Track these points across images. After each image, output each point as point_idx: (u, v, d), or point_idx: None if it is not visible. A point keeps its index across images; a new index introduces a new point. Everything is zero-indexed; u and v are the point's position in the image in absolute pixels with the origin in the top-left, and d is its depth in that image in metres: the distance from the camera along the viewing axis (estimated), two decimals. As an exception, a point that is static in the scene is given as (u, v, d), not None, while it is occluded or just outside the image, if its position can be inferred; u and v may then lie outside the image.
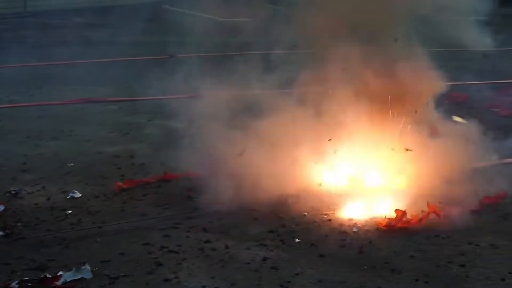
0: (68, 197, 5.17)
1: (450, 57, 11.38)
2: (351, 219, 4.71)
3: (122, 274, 3.99)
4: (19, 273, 3.99)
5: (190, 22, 12.78)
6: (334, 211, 4.84)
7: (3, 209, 4.90)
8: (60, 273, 3.95)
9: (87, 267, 4.00)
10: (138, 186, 5.37)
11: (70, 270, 3.97)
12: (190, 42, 11.22)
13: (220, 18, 14.31)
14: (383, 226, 4.55)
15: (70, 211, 4.90)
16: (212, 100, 7.94)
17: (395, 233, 4.48)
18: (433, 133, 5.48)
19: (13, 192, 5.25)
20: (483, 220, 4.68)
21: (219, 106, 7.09)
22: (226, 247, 4.34)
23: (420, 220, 4.59)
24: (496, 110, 7.60)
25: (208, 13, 14.87)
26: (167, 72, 9.57)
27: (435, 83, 5.53)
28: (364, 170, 5.27)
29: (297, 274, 4.00)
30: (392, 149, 5.24)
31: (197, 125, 7.11)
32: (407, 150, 5.24)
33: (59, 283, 3.88)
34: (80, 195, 5.20)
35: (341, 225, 4.65)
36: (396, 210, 4.61)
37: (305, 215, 4.78)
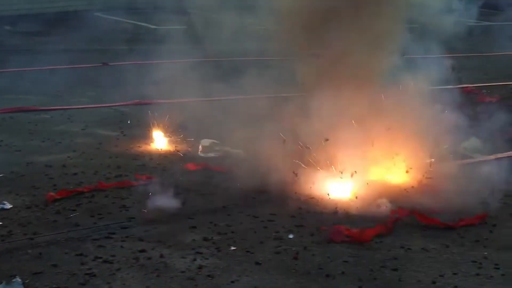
0: (-2, 209, 5.05)
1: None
2: (286, 226, 4.74)
3: (54, 286, 3.92)
4: None
5: (122, 29, 12.68)
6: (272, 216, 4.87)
7: None
8: (-10, 286, 3.86)
9: (18, 279, 3.91)
10: (71, 196, 5.29)
11: (0, 283, 3.88)
12: (123, 50, 11.14)
13: (152, 26, 14.24)
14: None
15: (0, 223, 4.79)
16: (147, 108, 7.86)
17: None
18: None
19: None
20: (414, 224, 4.75)
21: (154, 114, 7.03)
22: (161, 256, 4.31)
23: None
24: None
25: (141, 21, 14.80)
26: (100, 80, 9.50)
27: None
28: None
29: (232, 282, 4.00)
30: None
31: (133, 133, 7.07)
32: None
33: (-12, 296, 3.79)
34: (11, 206, 5.08)
35: (277, 231, 4.67)
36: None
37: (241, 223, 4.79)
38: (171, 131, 7.07)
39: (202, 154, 6.25)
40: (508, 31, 12.19)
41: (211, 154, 6.23)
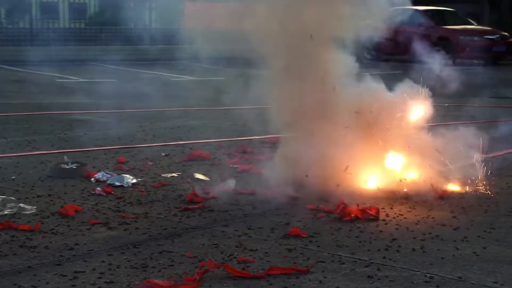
0: None
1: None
2: (96, 283, 4.60)
3: None
4: None
5: None
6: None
7: None
8: None
9: None
10: None
11: None
12: None
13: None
14: None
15: None
16: None
17: None
18: None
19: None
20: (224, 275, 4.78)
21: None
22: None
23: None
24: (235, 166, 7.92)
25: None
26: None
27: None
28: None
29: None
30: None
31: None
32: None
33: None
34: None
35: (86, 289, 4.52)
36: None
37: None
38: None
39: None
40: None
41: (6, 211, 5.95)
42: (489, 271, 4.79)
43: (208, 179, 7.23)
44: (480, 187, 6.93)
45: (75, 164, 7.50)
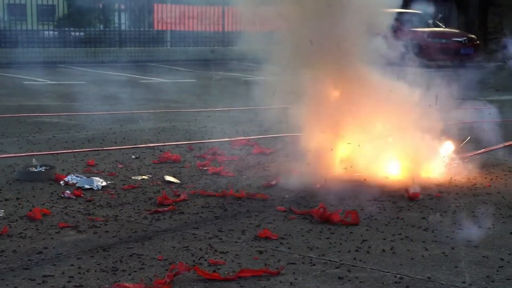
0: None
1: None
2: (66, 286, 4.56)
3: None
4: None
5: None
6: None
7: None
8: None
9: None
10: None
11: None
12: None
13: None
14: None
15: None
16: None
17: None
18: None
19: None
20: (195, 277, 4.78)
21: None
22: None
23: None
24: (205, 168, 7.90)
25: None
26: None
27: None
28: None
29: None
30: None
31: None
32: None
33: None
34: None
35: (55, 294, 4.48)
36: None
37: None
38: None
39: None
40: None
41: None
42: (458, 271, 4.84)
43: (179, 181, 7.21)
44: (448, 188, 7.00)
45: (44, 167, 7.42)
